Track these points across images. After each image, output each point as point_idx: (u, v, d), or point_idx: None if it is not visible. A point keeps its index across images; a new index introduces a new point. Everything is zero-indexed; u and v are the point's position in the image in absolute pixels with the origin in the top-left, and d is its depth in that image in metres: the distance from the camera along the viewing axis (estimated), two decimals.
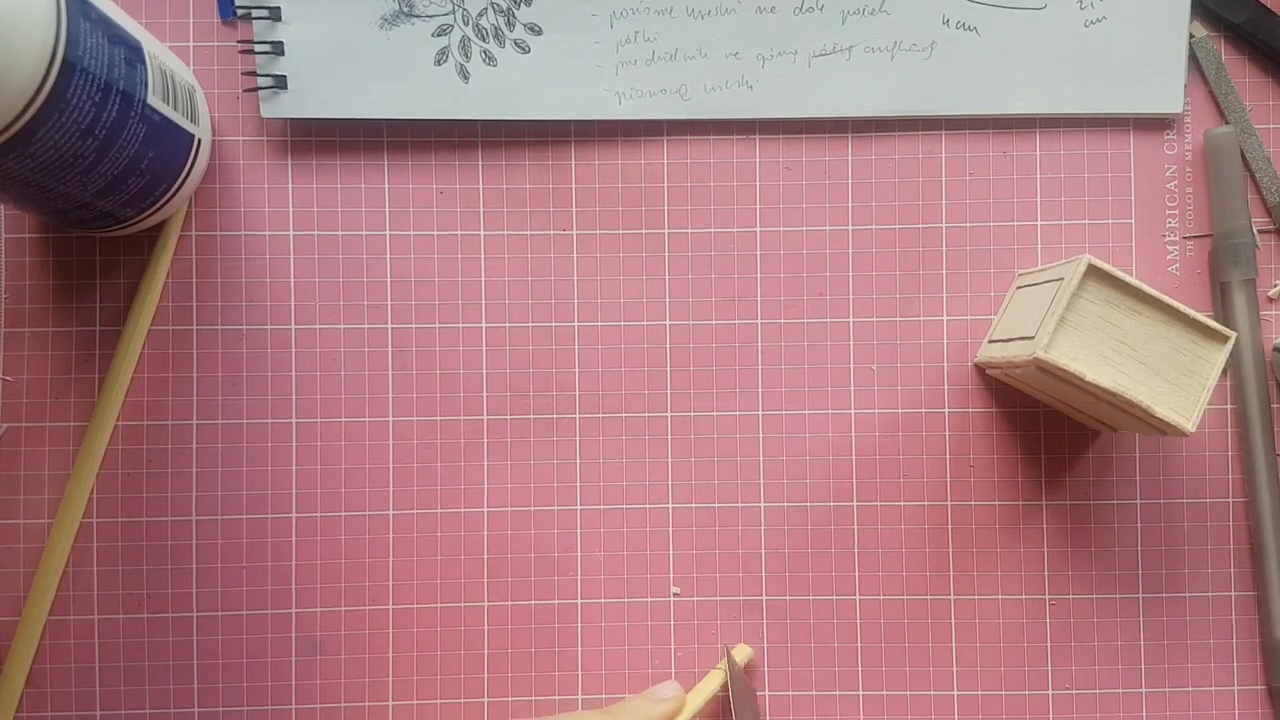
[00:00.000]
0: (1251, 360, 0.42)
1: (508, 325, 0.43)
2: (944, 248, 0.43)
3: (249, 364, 0.43)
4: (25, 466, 0.42)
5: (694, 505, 0.43)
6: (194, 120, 0.40)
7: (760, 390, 0.43)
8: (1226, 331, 0.36)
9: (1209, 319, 0.36)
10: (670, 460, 0.43)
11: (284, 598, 0.42)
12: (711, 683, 0.41)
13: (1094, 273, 0.36)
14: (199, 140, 0.41)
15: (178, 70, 0.39)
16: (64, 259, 0.43)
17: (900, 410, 0.43)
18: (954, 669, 0.43)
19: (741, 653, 0.42)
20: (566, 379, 0.43)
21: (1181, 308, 0.36)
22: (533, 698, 0.42)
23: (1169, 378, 0.36)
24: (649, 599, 0.43)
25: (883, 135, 0.43)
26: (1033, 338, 0.37)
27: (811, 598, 0.43)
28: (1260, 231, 0.43)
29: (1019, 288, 0.42)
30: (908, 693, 0.43)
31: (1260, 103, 0.43)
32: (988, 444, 0.43)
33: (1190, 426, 0.36)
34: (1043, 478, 0.43)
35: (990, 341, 0.42)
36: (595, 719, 0.38)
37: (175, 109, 0.38)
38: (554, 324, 0.43)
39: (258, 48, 0.42)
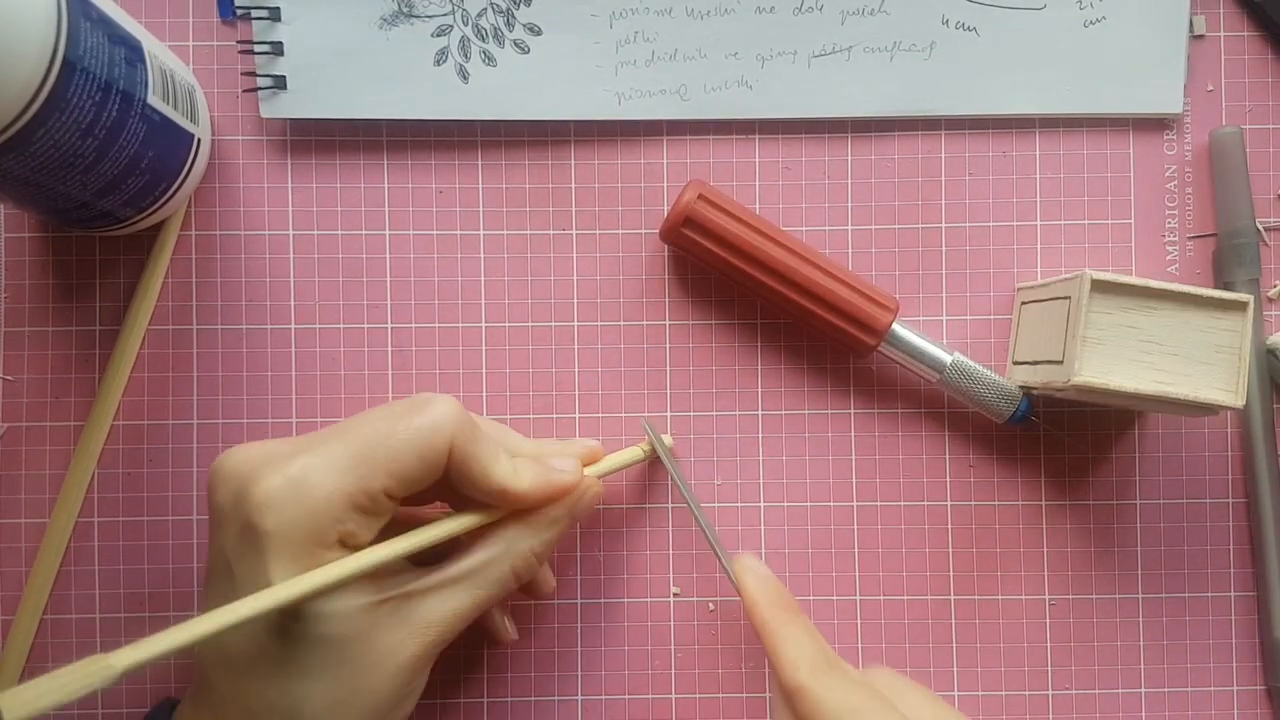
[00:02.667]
0: (1253, 360, 0.42)
1: (508, 325, 0.43)
2: (944, 248, 0.43)
3: (249, 364, 0.43)
4: (25, 466, 0.42)
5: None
6: (194, 120, 0.40)
7: (760, 390, 0.43)
8: (1242, 298, 0.36)
9: (1221, 293, 0.36)
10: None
11: None
12: (625, 455, 0.41)
13: (1099, 285, 0.36)
14: (199, 140, 0.41)
15: (177, 70, 0.39)
16: (64, 259, 0.43)
17: (900, 410, 0.43)
18: (954, 669, 0.43)
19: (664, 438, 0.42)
20: (566, 379, 0.43)
21: (1192, 290, 0.36)
22: (532, 698, 0.42)
23: (1204, 359, 0.37)
24: (649, 599, 0.43)
25: (882, 135, 0.43)
26: (1061, 362, 0.37)
27: (812, 598, 0.43)
28: (1268, 229, 0.43)
29: (1024, 304, 0.42)
30: None
31: (1267, 102, 0.43)
32: (987, 444, 0.43)
33: (1239, 401, 0.36)
34: (1043, 478, 0.43)
35: (1015, 364, 0.42)
36: (522, 444, 0.39)
37: (175, 108, 0.38)
38: (554, 324, 0.43)
39: (257, 48, 0.42)
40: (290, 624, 0.32)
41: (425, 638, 0.34)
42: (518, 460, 0.36)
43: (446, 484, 0.35)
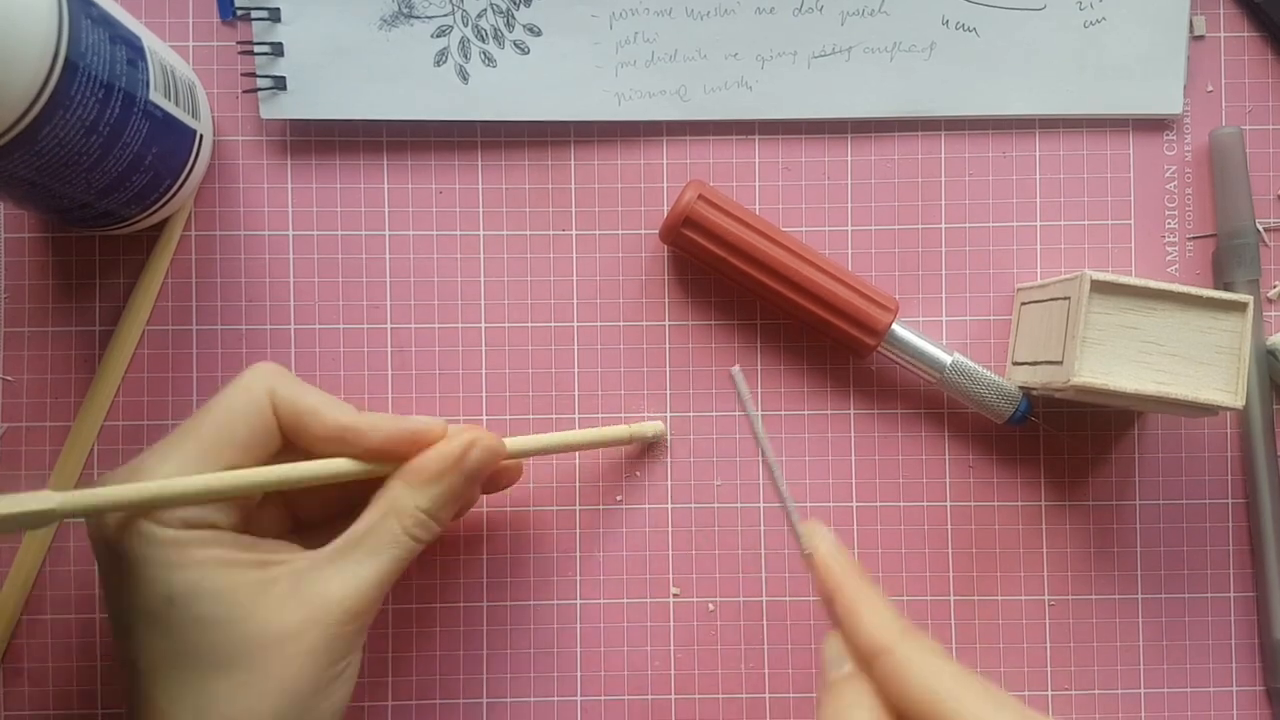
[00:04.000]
0: (1253, 361, 0.42)
1: (507, 325, 0.43)
2: (943, 248, 0.43)
3: (249, 364, 0.42)
4: (25, 466, 0.42)
5: (694, 505, 0.43)
6: (195, 115, 0.40)
7: (760, 390, 0.43)
8: (1242, 298, 0.36)
9: (1220, 293, 0.36)
10: (670, 460, 0.43)
11: None
12: (610, 431, 0.41)
13: (1098, 286, 0.36)
14: (200, 136, 0.41)
15: (178, 66, 0.39)
16: (64, 259, 0.43)
17: (900, 411, 0.43)
18: None
19: (652, 427, 0.42)
20: (566, 379, 0.43)
21: (1191, 290, 0.36)
22: (532, 698, 0.42)
23: (1203, 359, 0.37)
24: (649, 599, 0.43)
25: (882, 136, 0.43)
26: (1060, 363, 0.37)
27: (811, 598, 0.43)
28: (1268, 229, 0.43)
29: (1024, 304, 0.42)
30: None
31: (1267, 103, 0.43)
32: (987, 445, 0.43)
33: (1238, 402, 0.36)
34: (1042, 478, 0.43)
35: (1014, 364, 0.42)
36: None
37: (177, 105, 0.38)
38: (554, 324, 0.43)
39: (257, 49, 0.42)
40: (166, 611, 0.31)
41: (330, 616, 0.32)
42: (368, 412, 0.35)
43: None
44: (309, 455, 0.34)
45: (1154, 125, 0.44)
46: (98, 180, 0.35)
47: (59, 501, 0.30)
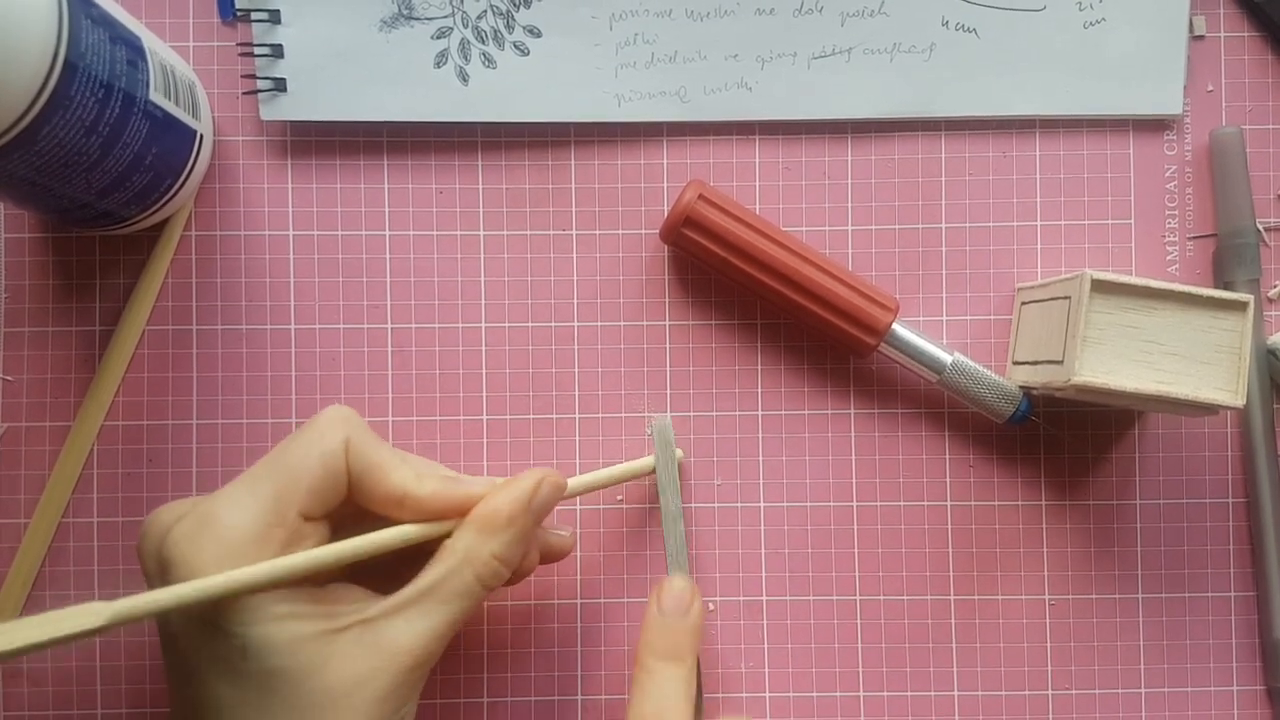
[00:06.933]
0: (1253, 360, 0.42)
1: (507, 325, 0.43)
2: (943, 248, 0.43)
3: (249, 364, 0.43)
4: (25, 466, 0.42)
5: (693, 505, 0.43)
6: (195, 115, 0.40)
7: (760, 390, 0.43)
8: (1243, 298, 0.37)
9: (1221, 292, 0.36)
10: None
11: None
12: (636, 465, 0.41)
13: (1099, 285, 0.36)
14: (201, 135, 0.41)
15: (178, 65, 0.39)
16: (64, 259, 0.43)
17: (900, 410, 0.43)
18: (954, 669, 0.43)
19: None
20: (566, 379, 0.43)
21: (1192, 290, 0.36)
22: (532, 698, 0.42)
23: (1204, 359, 0.37)
24: (649, 599, 0.43)
25: (882, 136, 0.43)
26: (1061, 362, 0.37)
27: (811, 598, 0.43)
28: (1268, 229, 0.43)
29: (1024, 304, 0.42)
30: (908, 693, 0.43)
31: (1267, 102, 0.43)
32: (987, 444, 0.43)
33: (1239, 401, 0.36)
34: (1042, 478, 0.43)
35: (1015, 364, 0.42)
36: (440, 469, 0.37)
37: (177, 105, 0.38)
38: (554, 324, 0.43)
39: (257, 50, 0.42)
40: (239, 662, 0.31)
41: (398, 664, 0.32)
42: (424, 472, 0.35)
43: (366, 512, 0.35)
44: (367, 506, 0.35)
45: (1154, 125, 0.44)
46: (98, 180, 0.35)
47: (109, 616, 0.29)
